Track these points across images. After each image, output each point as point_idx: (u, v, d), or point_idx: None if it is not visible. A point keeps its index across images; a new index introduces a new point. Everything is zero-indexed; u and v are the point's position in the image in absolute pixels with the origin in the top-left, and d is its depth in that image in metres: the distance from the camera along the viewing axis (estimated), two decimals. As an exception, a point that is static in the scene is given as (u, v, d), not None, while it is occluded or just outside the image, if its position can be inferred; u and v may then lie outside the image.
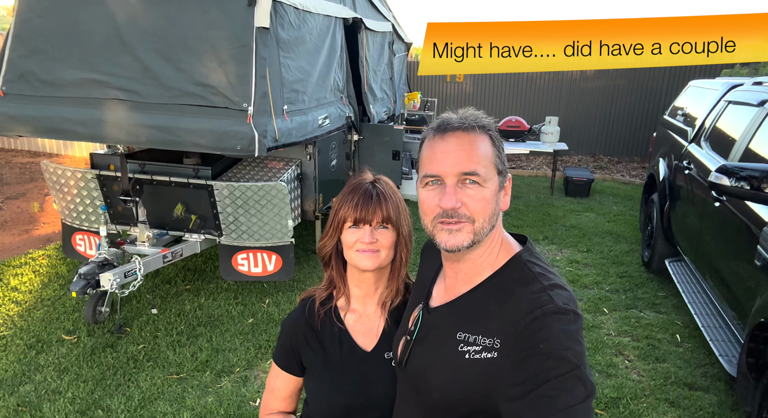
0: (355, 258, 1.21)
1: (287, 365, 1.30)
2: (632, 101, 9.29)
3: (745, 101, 3.64)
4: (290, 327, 1.30)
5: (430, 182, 0.98)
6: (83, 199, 3.92)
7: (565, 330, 0.86)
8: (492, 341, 0.92)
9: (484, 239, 0.98)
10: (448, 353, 0.98)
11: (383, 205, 1.19)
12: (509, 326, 0.91)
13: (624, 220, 6.23)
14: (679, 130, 4.79)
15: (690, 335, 3.59)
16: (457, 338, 0.98)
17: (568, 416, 0.78)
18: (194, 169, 3.71)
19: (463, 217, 0.95)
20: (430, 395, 1.01)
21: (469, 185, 0.95)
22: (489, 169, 0.96)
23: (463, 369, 0.95)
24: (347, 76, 4.61)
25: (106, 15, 3.16)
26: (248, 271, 3.72)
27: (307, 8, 3.66)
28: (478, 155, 0.95)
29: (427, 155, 1.00)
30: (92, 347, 3.32)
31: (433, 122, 1.02)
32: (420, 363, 1.05)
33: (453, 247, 0.96)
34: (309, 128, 3.64)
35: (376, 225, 1.20)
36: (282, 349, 1.31)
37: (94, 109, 3.23)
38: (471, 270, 1.02)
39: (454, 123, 0.98)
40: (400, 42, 7.17)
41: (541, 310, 0.88)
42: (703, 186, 3.55)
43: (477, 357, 0.93)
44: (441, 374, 0.98)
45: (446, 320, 1.03)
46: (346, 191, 1.24)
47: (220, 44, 3.02)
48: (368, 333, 1.28)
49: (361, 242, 1.19)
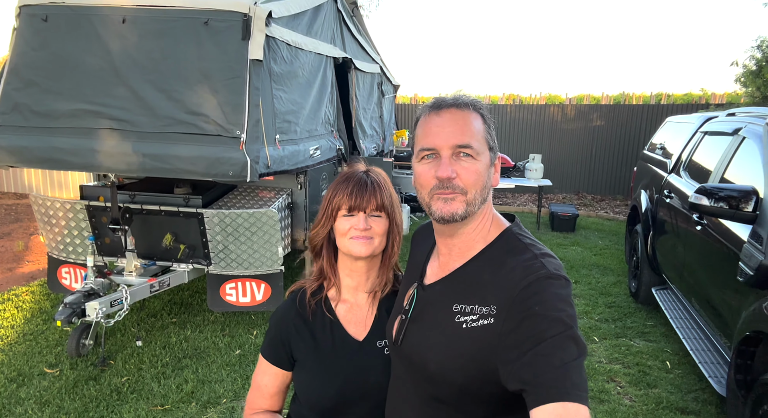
0: (348, 245, 1.21)
1: (277, 358, 1.28)
2: (612, 142, 9.59)
3: (720, 131, 3.81)
4: (280, 319, 1.28)
5: (425, 156, 1.02)
6: (71, 231, 3.90)
7: (558, 294, 0.90)
8: (488, 308, 0.95)
9: (476, 211, 1.01)
10: (445, 325, 1.00)
11: (377, 193, 1.21)
12: (504, 292, 0.94)
13: (610, 253, 6.30)
14: (659, 162, 4.95)
15: (680, 362, 3.59)
16: (453, 310, 1.00)
17: (564, 372, 0.82)
18: (185, 199, 3.73)
19: (457, 188, 0.99)
20: (427, 370, 1.02)
21: (463, 158, 0.99)
22: (481, 143, 1.01)
23: (461, 338, 0.97)
24: (338, 111, 4.74)
25: (101, 48, 3.25)
26: (236, 301, 3.68)
27: (298, 45, 3.81)
28: (471, 130, 1.00)
29: (422, 130, 1.04)
30: (75, 379, 3.22)
31: (428, 102, 1.08)
32: (416, 339, 1.06)
33: (448, 214, 0.99)
34: (300, 158, 3.71)
35: (370, 212, 1.21)
36: (271, 342, 1.29)
37: (87, 138, 3.27)
38: (464, 244, 1.05)
39: (449, 100, 1.04)
40: (388, 83, 7.42)
41: (535, 275, 0.93)
42: (685, 214, 3.65)
43: (474, 325, 0.95)
44: (438, 347, 1.00)
45: (441, 294, 1.05)
46: (339, 180, 1.25)
47: (215, 75, 3.12)
48: (359, 323, 1.27)
49: (355, 228, 1.20)
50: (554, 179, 9.14)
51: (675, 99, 10.25)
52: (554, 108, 9.92)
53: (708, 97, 9.73)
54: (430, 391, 1.03)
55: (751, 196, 2.63)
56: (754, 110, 3.75)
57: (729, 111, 4.18)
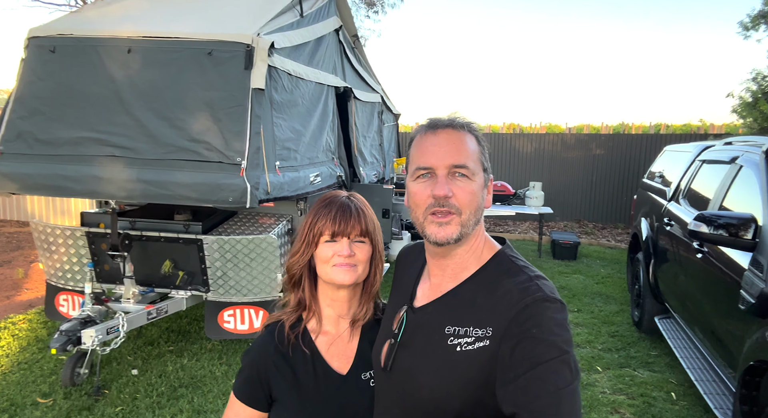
0: (331, 273, 1.16)
1: (253, 399, 1.18)
2: (612, 170, 9.64)
3: (718, 159, 3.83)
4: (257, 356, 1.19)
5: (421, 175, 1.02)
6: (70, 258, 3.89)
7: (555, 318, 0.90)
8: (484, 330, 0.94)
9: (470, 232, 1.01)
10: (438, 348, 0.98)
11: (361, 218, 1.17)
12: (500, 314, 0.94)
13: (612, 282, 6.26)
14: (658, 190, 4.97)
15: (685, 393, 3.51)
16: (445, 333, 0.98)
17: (557, 399, 0.81)
18: (185, 225, 3.74)
19: (453, 207, 0.98)
20: (419, 396, 0.99)
21: (459, 178, 0.99)
22: (476, 164, 1.02)
23: (456, 362, 0.95)
24: (338, 139, 4.79)
25: (106, 77, 3.32)
26: (234, 328, 3.64)
27: (300, 75, 3.89)
28: (467, 150, 1.01)
29: (417, 150, 1.04)
30: (68, 409, 3.16)
31: (423, 121, 1.08)
32: (407, 364, 1.03)
33: (443, 239, 0.99)
34: (300, 184, 3.74)
35: (354, 238, 1.17)
36: (247, 382, 1.19)
37: (89, 166, 3.30)
38: (458, 266, 1.05)
39: (445, 121, 1.04)
40: (389, 113, 7.53)
41: (532, 297, 0.92)
42: (685, 241, 3.64)
43: (470, 348, 0.94)
44: (431, 372, 0.98)
45: (433, 317, 1.03)
46: (320, 205, 1.20)
47: (217, 103, 3.17)
48: (342, 355, 1.22)
49: (338, 255, 1.15)
50: (555, 207, 9.15)
51: (674, 129, 10.35)
52: (554, 137, 10.01)
53: (707, 127, 9.82)
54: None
55: (750, 224, 2.63)
56: (750, 139, 3.78)
57: (726, 140, 4.22)
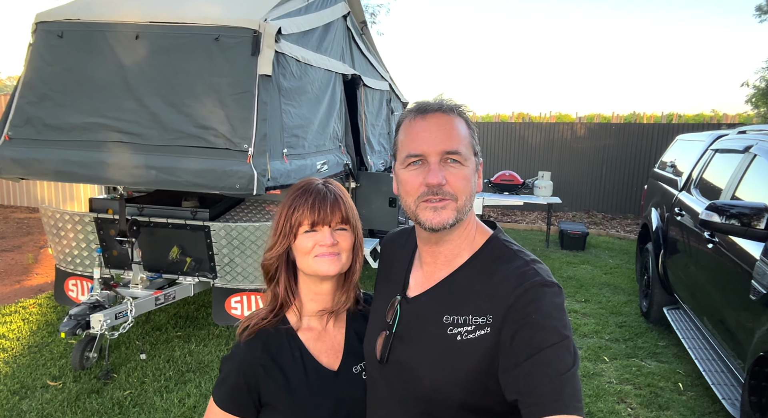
0: (314, 265, 1.09)
1: (240, 407, 1.10)
2: (622, 160, 9.53)
3: (731, 148, 3.77)
4: (242, 362, 1.10)
5: (412, 162, 0.98)
6: (79, 243, 3.92)
7: (554, 302, 0.89)
8: (484, 318, 0.93)
9: (464, 217, 0.99)
10: (437, 339, 0.96)
11: (341, 205, 1.11)
12: (499, 300, 0.92)
13: (621, 272, 6.21)
14: (669, 180, 4.91)
15: (693, 384, 3.49)
16: (443, 322, 0.97)
17: (560, 384, 0.81)
18: (192, 212, 3.75)
19: (447, 194, 0.95)
20: (420, 388, 0.97)
21: (451, 164, 0.96)
22: (468, 148, 0.99)
23: (457, 351, 0.94)
24: (346, 127, 4.77)
25: (114, 63, 3.32)
26: (241, 314, 3.66)
27: (308, 61, 3.86)
28: (458, 135, 0.98)
29: (407, 136, 1.00)
30: (77, 392, 3.20)
31: (410, 106, 1.04)
32: (404, 356, 1.01)
33: (439, 224, 0.95)
34: (307, 172, 3.72)
35: (336, 226, 1.10)
36: (232, 390, 1.10)
37: (96, 151, 3.31)
38: (451, 252, 1.02)
39: (433, 105, 1.00)
40: (397, 100, 7.47)
41: (530, 282, 0.91)
42: (696, 232, 3.59)
43: (471, 337, 0.93)
44: (431, 363, 0.96)
45: (429, 306, 1.01)
46: (296, 194, 1.12)
47: (224, 90, 3.15)
48: (330, 350, 1.16)
49: (320, 245, 1.08)
50: (564, 197, 9.08)
51: (686, 119, 10.20)
52: (564, 126, 9.91)
53: (720, 117, 9.67)
54: (422, 410, 0.98)
55: (763, 214, 2.58)
56: (765, 128, 3.71)
57: (740, 129, 4.14)
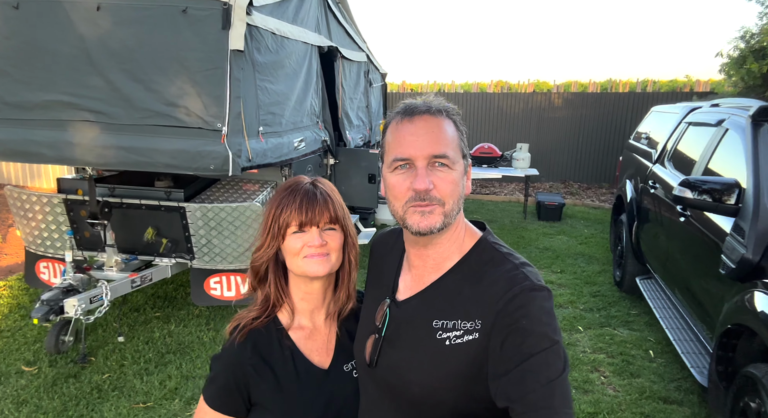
0: (303, 265, 1.10)
1: (231, 407, 1.11)
2: (598, 130, 9.62)
3: (704, 122, 3.82)
4: (232, 361, 1.11)
5: (399, 166, 0.97)
6: (49, 225, 3.81)
7: (543, 307, 0.89)
8: (473, 323, 0.92)
9: (452, 221, 0.98)
10: (426, 343, 0.96)
11: (329, 205, 1.11)
12: (488, 305, 0.92)
13: (595, 242, 6.35)
14: (644, 152, 4.97)
15: (663, 351, 3.63)
16: (433, 327, 0.96)
17: (550, 390, 0.81)
18: (166, 192, 3.66)
19: (434, 199, 0.94)
20: (409, 392, 0.97)
21: (439, 168, 0.95)
22: (456, 152, 0.97)
23: (446, 356, 0.93)
24: (324, 101, 4.66)
25: (75, 37, 3.14)
26: (221, 295, 3.63)
27: (284, 34, 3.72)
28: (446, 138, 0.96)
29: (394, 139, 0.98)
30: (54, 377, 3.16)
31: (397, 107, 1.01)
32: (394, 360, 1.01)
33: (426, 229, 0.95)
34: (284, 150, 3.65)
35: (324, 226, 1.11)
36: (222, 390, 1.11)
37: (62, 131, 3.18)
38: (440, 255, 1.02)
39: (421, 107, 0.98)
40: (375, 72, 7.32)
41: (519, 287, 0.90)
42: (669, 204, 3.67)
43: (460, 342, 0.92)
44: (421, 367, 0.96)
45: (418, 310, 1.01)
46: (282, 194, 1.12)
47: (194, 65, 3.03)
48: (321, 349, 1.17)
49: (309, 246, 1.09)
50: (541, 168, 9.15)
51: (661, 85, 10.30)
52: (541, 96, 9.90)
53: (692, 84, 9.78)
54: (412, 414, 0.99)
55: (733, 189, 2.64)
56: (737, 101, 3.76)
57: (713, 102, 4.19)
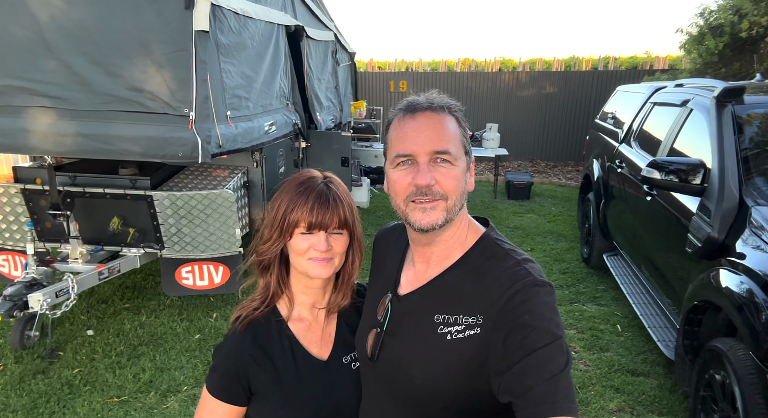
0: (307, 267, 1.12)
1: (231, 395, 1.13)
2: (564, 108, 9.76)
3: (669, 102, 3.91)
4: (233, 351, 1.13)
5: (401, 162, 0.97)
6: (6, 216, 3.62)
7: (545, 302, 0.89)
8: (474, 318, 0.93)
9: (455, 217, 0.98)
10: (427, 337, 0.97)
11: (340, 209, 1.11)
12: (490, 301, 0.92)
13: (563, 220, 6.50)
14: (610, 132, 5.07)
15: (629, 325, 3.77)
16: (434, 321, 0.97)
17: (554, 385, 0.81)
18: (131, 180, 3.52)
19: (437, 194, 0.95)
20: (410, 386, 0.98)
21: (441, 164, 0.95)
22: (458, 148, 0.97)
23: (447, 351, 0.94)
24: (293, 83, 4.55)
25: (27, 17, 2.95)
26: (193, 285, 3.56)
27: (248, 14, 3.59)
28: (448, 134, 0.96)
29: (396, 135, 0.99)
30: (21, 374, 3.06)
31: (400, 103, 1.01)
32: (395, 354, 1.01)
33: (428, 225, 0.95)
34: (255, 135, 3.56)
35: (332, 231, 1.11)
36: (223, 378, 1.13)
37: (17, 118, 3.01)
38: (442, 252, 1.02)
39: (423, 103, 0.98)
40: (343, 51, 7.18)
41: (522, 283, 0.91)
42: (635, 183, 3.77)
43: (460, 336, 0.93)
44: (422, 361, 0.96)
45: (420, 305, 1.01)
46: (295, 191, 1.12)
47: (156, 48, 2.89)
48: (321, 341, 1.19)
49: (315, 249, 1.10)
50: (509, 147, 9.25)
51: (622, 62, 10.51)
52: (508, 75, 9.95)
53: (652, 60, 10.01)
54: (412, 408, 1.00)
55: (699, 169, 2.72)
56: (700, 82, 3.85)
57: (677, 82, 4.29)
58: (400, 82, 10.21)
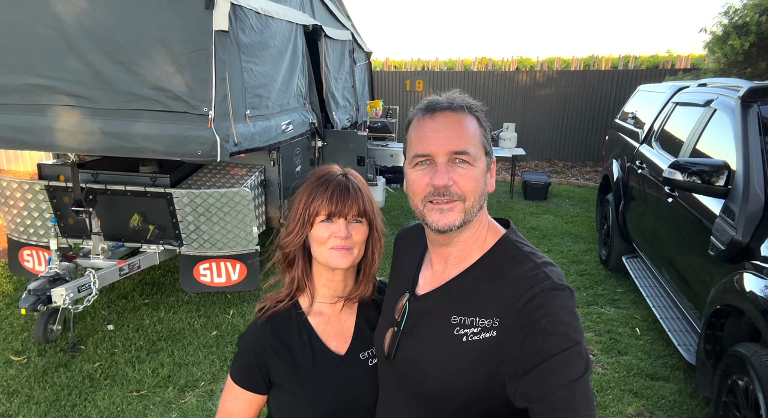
0: (327, 256, 1.14)
1: (252, 383, 1.18)
2: (583, 108, 9.64)
3: (692, 102, 3.83)
4: (254, 341, 1.18)
5: (419, 162, 0.96)
6: (31, 212, 3.71)
7: (565, 306, 0.87)
8: (491, 321, 0.92)
9: (473, 219, 0.97)
10: (444, 338, 0.96)
11: (359, 198, 1.14)
12: (507, 304, 0.91)
13: (581, 221, 6.42)
14: (630, 132, 4.99)
15: (649, 328, 3.71)
16: (451, 322, 0.96)
17: (571, 391, 0.79)
18: (151, 178, 3.58)
19: (455, 195, 0.94)
20: (425, 386, 0.98)
21: (460, 164, 0.94)
22: (478, 148, 0.96)
23: (462, 352, 0.93)
24: (310, 82, 4.58)
25: (51, 17, 3.01)
26: (211, 281, 3.60)
27: (269, 13, 3.62)
28: (467, 134, 0.95)
29: (415, 135, 0.98)
30: (44, 367, 3.12)
31: (421, 103, 1.01)
32: (411, 353, 1.01)
33: (445, 226, 0.94)
34: (272, 134, 3.58)
35: (351, 219, 1.13)
36: (244, 366, 1.18)
37: (42, 116, 3.07)
38: (461, 253, 1.01)
39: (443, 103, 0.97)
40: (360, 51, 7.20)
41: (540, 286, 0.89)
42: (656, 184, 3.70)
43: (476, 339, 0.92)
44: (437, 361, 0.96)
45: (437, 305, 1.00)
46: (315, 183, 1.15)
47: (177, 47, 2.93)
48: (339, 335, 1.20)
49: (335, 236, 1.12)
50: (526, 147, 9.18)
51: (642, 61, 10.33)
52: (525, 75, 9.86)
53: (674, 59, 9.83)
54: (427, 408, 0.99)
55: (723, 171, 2.67)
56: (724, 81, 3.77)
57: (700, 81, 4.21)
58: (416, 82, 10.19)
